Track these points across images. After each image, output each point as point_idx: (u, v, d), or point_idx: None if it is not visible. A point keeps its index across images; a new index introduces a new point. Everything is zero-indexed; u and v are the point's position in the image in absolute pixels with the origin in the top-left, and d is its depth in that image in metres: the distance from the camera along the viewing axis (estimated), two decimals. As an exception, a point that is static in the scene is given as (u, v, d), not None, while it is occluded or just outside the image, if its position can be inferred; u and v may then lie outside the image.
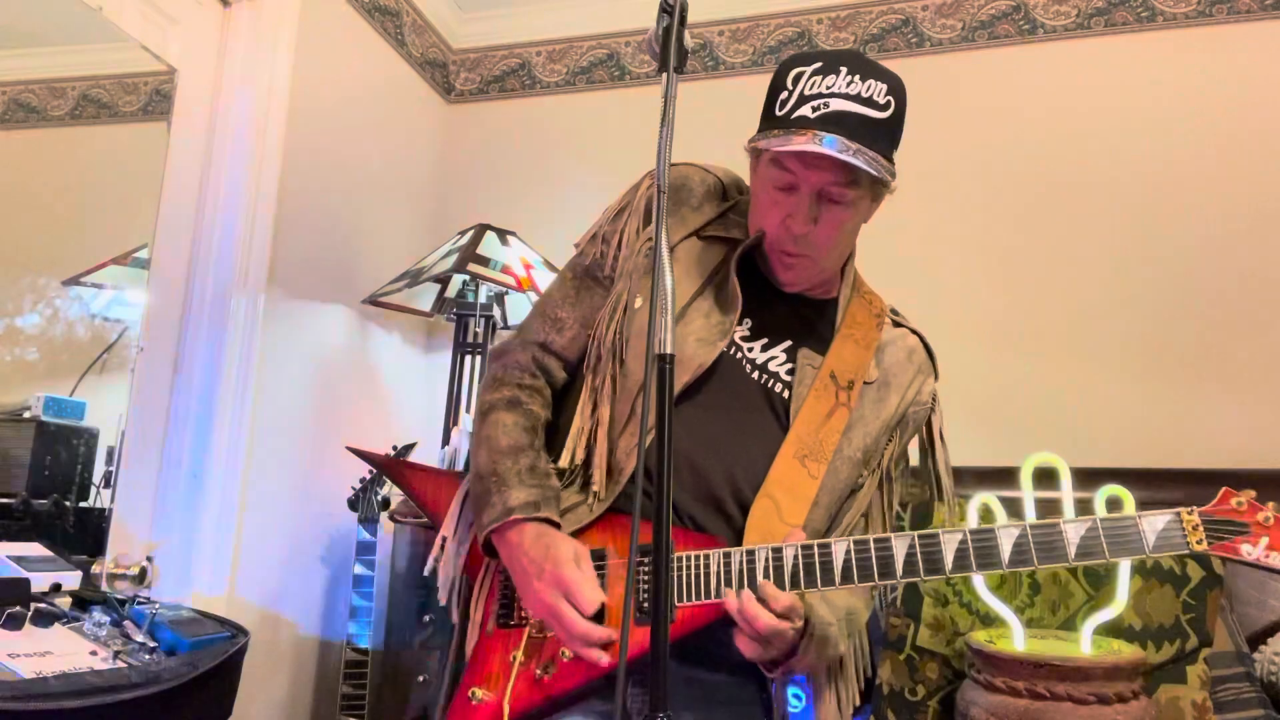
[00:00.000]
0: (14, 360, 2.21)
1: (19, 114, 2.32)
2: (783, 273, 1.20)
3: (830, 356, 1.20)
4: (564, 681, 1.08)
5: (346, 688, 2.13)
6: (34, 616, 1.31)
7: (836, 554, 1.04)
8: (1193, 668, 1.74)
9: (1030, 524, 1.01)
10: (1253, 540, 0.95)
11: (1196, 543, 0.96)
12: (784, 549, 1.05)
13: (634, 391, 1.16)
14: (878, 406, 1.21)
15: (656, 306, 0.87)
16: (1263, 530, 0.95)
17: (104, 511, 2.02)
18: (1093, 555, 0.98)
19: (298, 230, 2.29)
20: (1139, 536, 0.98)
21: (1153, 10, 2.41)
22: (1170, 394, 2.22)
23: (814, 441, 1.15)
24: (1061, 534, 0.99)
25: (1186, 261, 2.27)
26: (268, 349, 2.16)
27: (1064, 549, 0.99)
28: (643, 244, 1.22)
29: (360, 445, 2.53)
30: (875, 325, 1.25)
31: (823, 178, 1.11)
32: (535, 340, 1.27)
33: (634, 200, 1.26)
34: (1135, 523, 0.98)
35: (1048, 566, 0.99)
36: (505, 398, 1.23)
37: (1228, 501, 0.98)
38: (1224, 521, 0.97)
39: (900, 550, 1.02)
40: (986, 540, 1.01)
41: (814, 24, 2.67)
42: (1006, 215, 2.42)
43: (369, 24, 2.61)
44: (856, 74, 1.10)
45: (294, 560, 2.28)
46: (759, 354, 1.20)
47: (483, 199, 2.89)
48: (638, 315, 1.19)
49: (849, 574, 1.03)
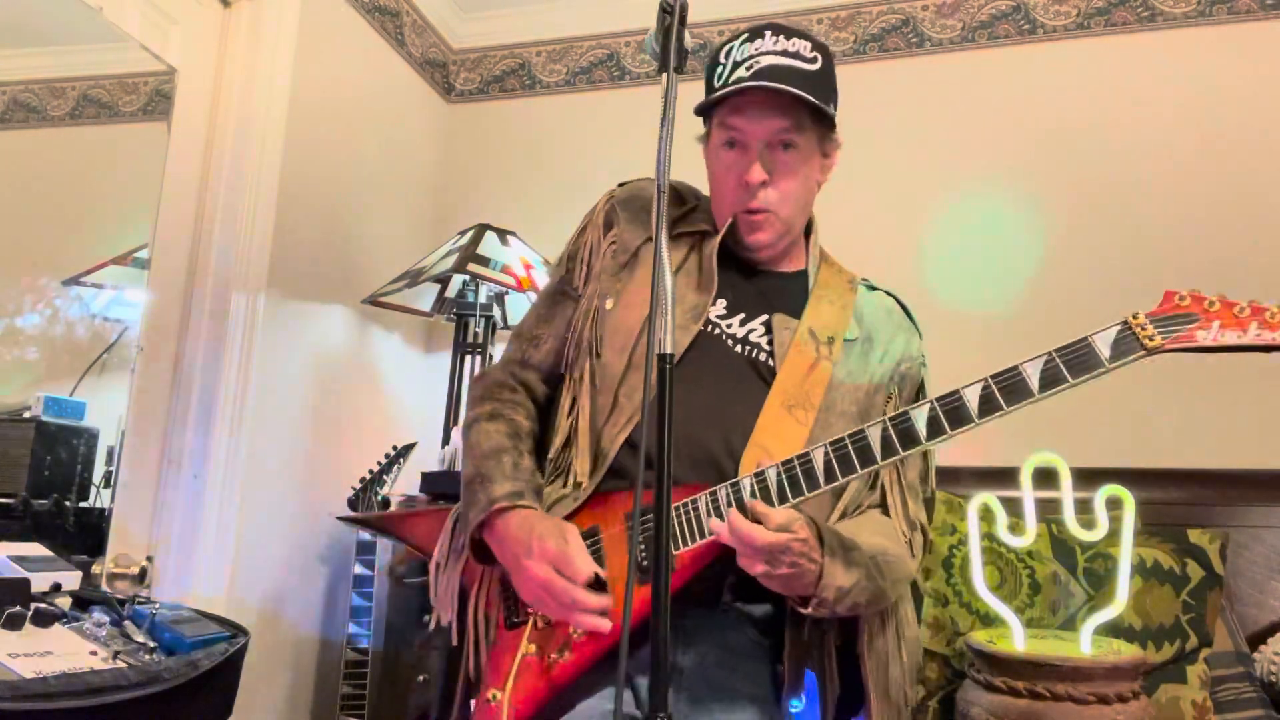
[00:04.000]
0: (14, 360, 2.21)
1: (19, 114, 2.32)
2: (752, 234, 1.23)
3: (806, 317, 1.23)
4: (580, 660, 1.09)
5: (346, 688, 2.13)
6: (34, 616, 1.31)
7: (817, 459, 1.05)
8: (1193, 668, 1.74)
9: (991, 375, 1.03)
10: (1205, 326, 0.97)
11: (1148, 339, 0.98)
12: (765, 470, 1.06)
13: (614, 383, 1.18)
14: (864, 360, 1.23)
15: (656, 307, 0.88)
16: (1212, 315, 0.97)
17: (104, 511, 2.02)
18: (1056, 382, 1.00)
19: (298, 230, 2.28)
20: (1094, 353, 0.99)
21: (1153, 10, 2.40)
22: (1170, 394, 2.22)
23: (800, 392, 1.17)
24: (1022, 374, 1.01)
25: (1186, 260, 2.27)
26: (267, 349, 2.16)
27: (1028, 386, 1.00)
28: (606, 248, 1.28)
29: (360, 445, 2.55)
30: (849, 289, 1.29)
31: (768, 126, 1.17)
32: (513, 359, 1.33)
33: (594, 216, 1.33)
34: (1088, 342, 1.00)
35: (1017, 407, 1.00)
36: (486, 412, 1.27)
37: (1170, 300, 1.00)
38: (1172, 318, 0.99)
39: (875, 435, 1.03)
40: (954, 402, 1.03)
41: (814, 24, 2.67)
42: (1006, 214, 2.42)
43: (369, 24, 2.61)
44: (780, 34, 1.19)
45: (294, 560, 2.28)
46: (738, 328, 1.23)
47: (483, 199, 2.89)
48: (610, 314, 1.23)
49: (832, 472, 1.04)
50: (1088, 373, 0.99)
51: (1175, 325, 0.98)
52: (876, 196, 2.47)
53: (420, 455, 2.42)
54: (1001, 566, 1.86)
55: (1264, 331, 0.95)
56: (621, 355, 1.19)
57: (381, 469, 2.25)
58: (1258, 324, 0.95)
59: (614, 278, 1.25)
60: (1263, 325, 0.95)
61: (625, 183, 1.36)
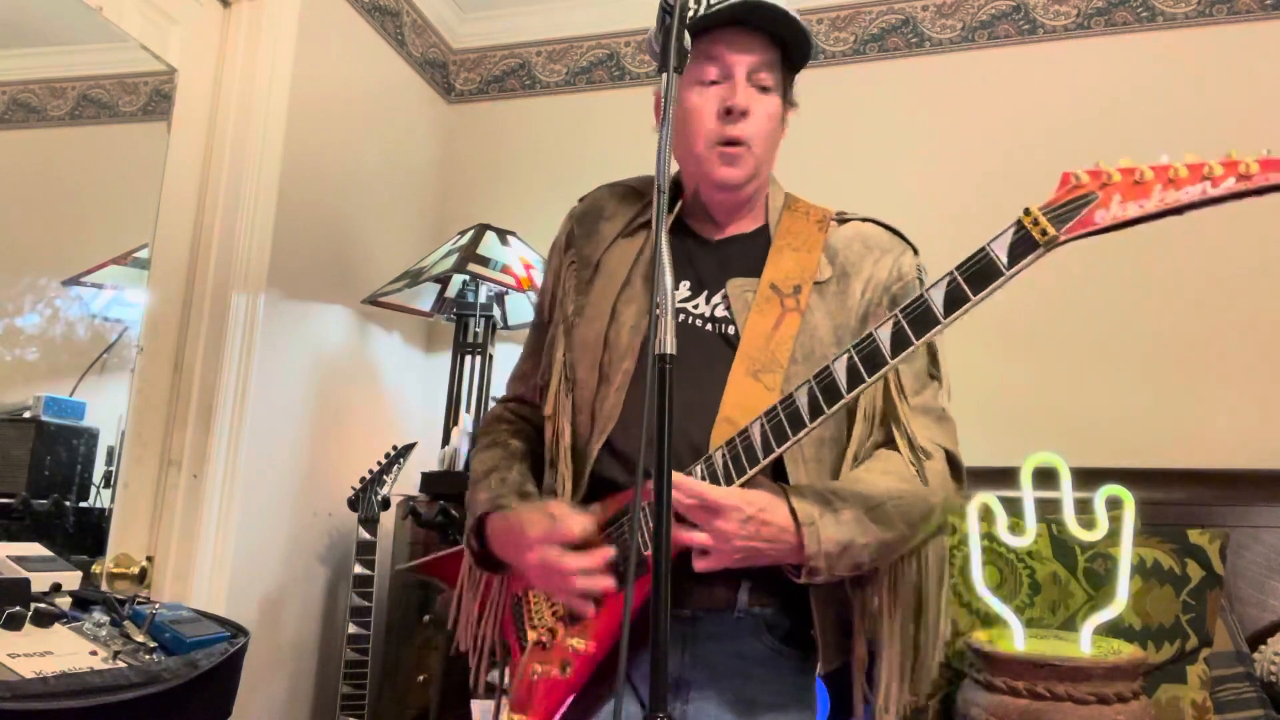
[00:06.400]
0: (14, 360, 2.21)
1: (19, 114, 2.32)
2: (725, 168, 1.18)
3: (766, 272, 1.18)
4: (587, 667, 1.08)
5: (346, 688, 2.13)
6: (34, 616, 1.31)
7: (800, 399, 1.01)
8: (1193, 668, 1.74)
9: (899, 310, 0.98)
10: (1104, 204, 0.90)
11: (1041, 234, 0.92)
12: (749, 427, 1.03)
13: (590, 398, 1.17)
14: (841, 299, 1.18)
15: (656, 309, 0.87)
16: (1111, 189, 0.90)
17: (104, 511, 2.02)
18: (960, 302, 0.95)
19: (298, 230, 2.28)
20: (992, 261, 0.95)
21: (1153, 10, 2.41)
22: (1170, 394, 2.22)
23: (765, 355, 1.12)
24: (927, 300, 0.97)
25: (1186, 260, 2.27)
26: (267, 349, 2.16)
27: (934, 313, 0.96)
28: (567, 269, 1.27)
29: (360, 445, 2.54)
30: (818, 229, 1.24)
31: (752, 59, 1.16)
32: (509, 396, 1.36)
33: (557, 240, 1.33)
34: (985, 251, 0.96)
35: (927, 339, 0.96)
36: (483, 445, 1.30)
37: (1066, 184, 0.93)
38: (1068, 204, 0.92)
39: (840, 367, 0.99)
40: (868, 345, 0.98)
41: (814, 24, 2.67)
42: (1006, 215, 2.42)
43: (369, 24, 2.61)
44: None
45: (294, 560, 2.28)
46: (705, 307, 1.19)
47: (483, 199, 2.89)
48: (577, 329, 1.21)
49: (816, 409, 1.00)
50: (989, 284, 0.94)
51: (1071, 211, 0.91)
52: (876, 196, 2.46)
53: (420, 455, 2.42)
54: (1001, 566, 1.86)
55: (1169, 192, 0.86)
56: (592, 371, 1.18)
57: (381, 469, 2.25)
58: (1161, 186, 0.87)
59: (578, 296, 1.24)
60: (1167, 186, 0.87)
61: (584, 197, 1.35)
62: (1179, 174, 0.87)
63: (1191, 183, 0.86)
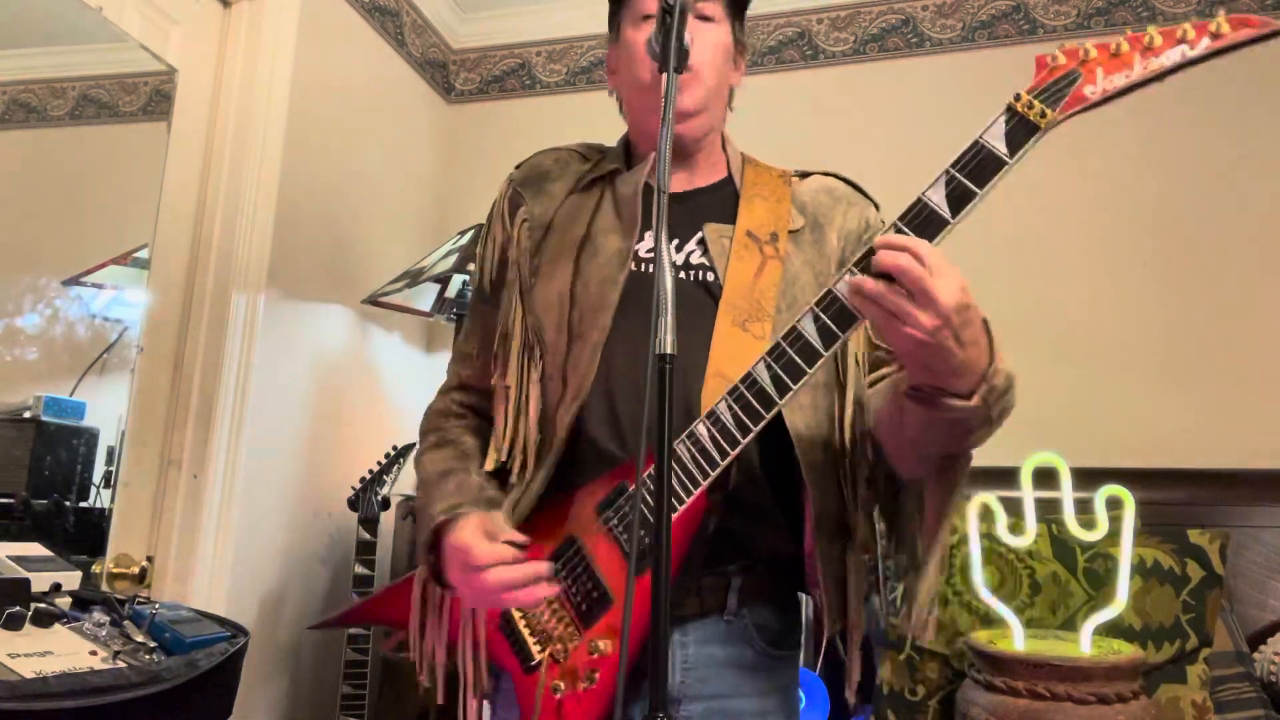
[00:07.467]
0: (14, 360, 2.21)
1: (19, 114, 2.32)
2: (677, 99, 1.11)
3: (740, 219, 1.13)
4: (610, 674, 1.01)
5: (346, 688, 2.13)
6: (34, 616, 1.31)
7: (806, 329, 0.94)
8: (1193, 668, 1.74)
9: (898, 218, 0.94)
10: (1090, 80, 0.90)
11: (1039, 116, 0.91)
12: (752, 371, 0.95)
13: (560, 361, 1.10)
14: (818, 247, 1.14)
15: (656, 308, 0.84)
16: (1092, 64, 0.90)
17: (104, 511, 2.02)
18: (967, 199, 0.92)
19: (298, 230, 2.28)
20: (990, 153, 0.92)
21: (1153, 10, 2.41)
22: (1171, 394, 2.22)
23: (750, 304, 1.07)
24: (929, 203, 0.93)
25: (1188, 260, 2.27)
26: (267, 349, 2.16)
27: (939, 216, 0.93)
28: (520, 231, 1.20)
29: (360, 445, 2.54)
30: (781, 183, 1.20)
31: None
32: (451, 385, 1.27)
33: (496, 208, 1.27)
34: (979, 144, 0.93)
35: (939, 240, 0.93)
36: (430, 443, 1.21)
37: (1044, 66, 0.93)
38: (1053, 84, 0.92)
39: (845, 287, 0.92)
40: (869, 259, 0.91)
41: (814, 24, 2.67)
42: (1006, 216, 2.42)
43: (369, 24, 2.61)
44: None
45: (294, 560, 2.28)
46: (677, 256, 1.13)
47: (483, 199, 2.86)
48: (536, 290, 1.14)
49: (829, 336, 0.94)
50: (994, 176, 0.91)
51: (1059, 90, 0.90)
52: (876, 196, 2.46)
53: (420, 455, 2.42)
54: (1001, 566, 1.86)
55: (1149, 59, 0.87)
56: (560, 332, 1.11)
57: (381, 469, 2.25)
58: (1140, 55, 0.88)
59: (533, 258, 1.17)
60: (1146, 54, 0.87)
61: (520, 164, 1.31)
62: (1155, 41, 0.87)
63: (1169, 47, 0.87)
